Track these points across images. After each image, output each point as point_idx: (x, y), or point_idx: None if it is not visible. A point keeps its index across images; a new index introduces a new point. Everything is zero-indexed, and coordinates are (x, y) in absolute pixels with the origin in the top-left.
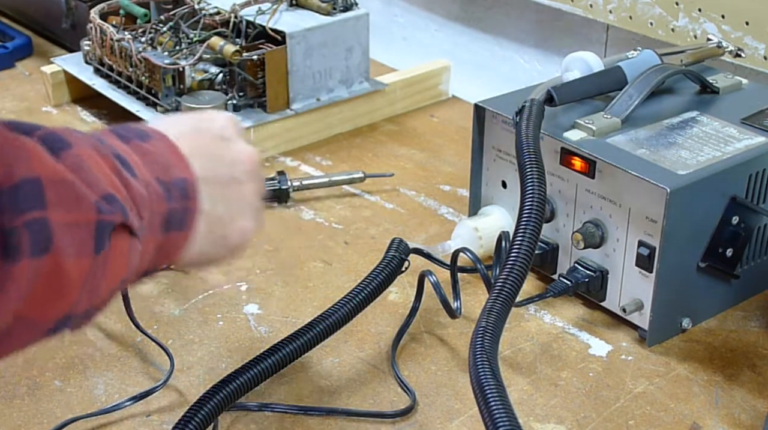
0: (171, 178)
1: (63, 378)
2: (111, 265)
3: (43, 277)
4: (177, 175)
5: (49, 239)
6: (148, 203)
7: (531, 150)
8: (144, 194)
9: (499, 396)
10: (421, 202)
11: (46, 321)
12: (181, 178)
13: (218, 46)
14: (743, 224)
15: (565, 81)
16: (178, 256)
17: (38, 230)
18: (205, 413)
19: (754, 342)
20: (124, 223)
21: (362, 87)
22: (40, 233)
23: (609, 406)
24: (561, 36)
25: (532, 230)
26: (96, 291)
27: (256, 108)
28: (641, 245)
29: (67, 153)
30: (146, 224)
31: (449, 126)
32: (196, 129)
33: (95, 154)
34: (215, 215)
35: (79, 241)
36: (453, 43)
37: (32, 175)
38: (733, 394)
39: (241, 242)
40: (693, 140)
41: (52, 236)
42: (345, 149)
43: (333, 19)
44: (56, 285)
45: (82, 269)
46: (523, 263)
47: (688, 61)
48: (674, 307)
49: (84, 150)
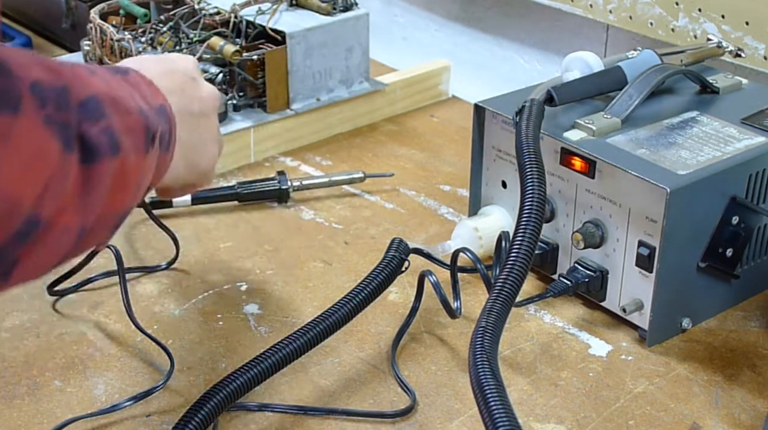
0: (153, 105)
1: (63, 378)
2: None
3: (116, 174)
4: (157, 102)
5: (118, 143)
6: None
7: (531, 150)
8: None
9: (499, 396)
10: (421, 202)
11: (115, 214)
12: (161, 104)
13: (218, 46)
14: (743, 224)
15: (565, 81)
16: (161, 178)
17: (111, 134)
18: (204, 414)
19: (754, 342)
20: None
21: (362, 87)
22: (112, 136)
23: (609, 406)
24: (561, 36)
25: (532, 230)
26: (141, 189)
27: (256, 108)
28: (641, 245)
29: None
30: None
31: (449, 126)
32: (168, 70)
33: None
34: (190, 143)
35: (135, 142)
36: (453, 43)
37: (96, 92)
38: (733, 394)
39: (209, 167)
40: (693, 140)
41: (120, 140)
42: (345, 149)
43: (333, 19)
44: (123, 181)
45: (138, 167)
46: (523, 263)
47: (688, 61)
48: (674, 307)
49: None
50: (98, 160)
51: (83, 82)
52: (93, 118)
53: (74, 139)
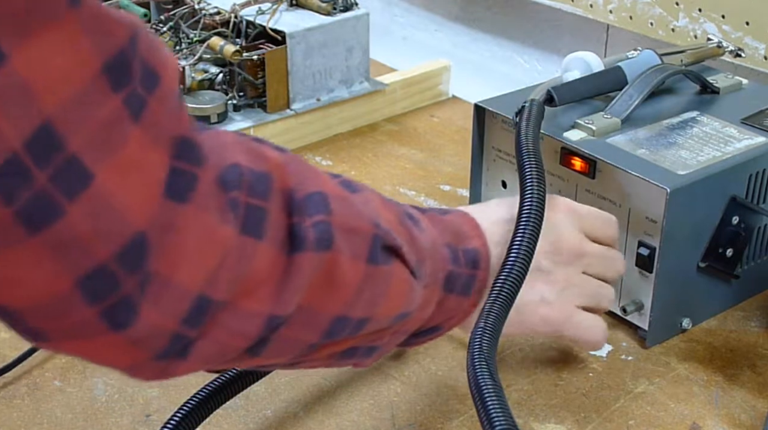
0: (462, 245)
1: (63, 378)
2: (389, 285)
3: (323, 270)
4: (469, 245)
5: (331, 239)
6: (431, 257)
7: (531, 150)
8: (427, 247)
9: (497, 398)
10: (421, 202)
11: (324, 314)
12: (474, 248)
13: (218, 46)
14: (743, 224)
15: (565, 81)
16: (459, 321)
17: (323, 229)
18: (193, 413)
19: (754, 342)
20: (398, 249)
21: (362, 87)
22: (324, 232)
23: (609, 406)
24: (561, 36)
25: (532, 231)
26: (373, 304)
27: (256, 108)
28: (641, 245)
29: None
30: (428, 274)
31: (449, 126)
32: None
33: (380, 202)
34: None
35: (355, 246)
36: (453, 43)
37: (318, 189)
38: (733, 394)
39: (542, 328)
40: (693, 140)
41: (333, 237)
42: (345, 149)
43: (333, 19)
44: (332, 279)
45: (357, 272)
46: (522, 264)
47: (688, 61)
48: (674, 307)
49: (371, 195)
50: (302, 250)
51: (316, 180)
52: (308, 213)
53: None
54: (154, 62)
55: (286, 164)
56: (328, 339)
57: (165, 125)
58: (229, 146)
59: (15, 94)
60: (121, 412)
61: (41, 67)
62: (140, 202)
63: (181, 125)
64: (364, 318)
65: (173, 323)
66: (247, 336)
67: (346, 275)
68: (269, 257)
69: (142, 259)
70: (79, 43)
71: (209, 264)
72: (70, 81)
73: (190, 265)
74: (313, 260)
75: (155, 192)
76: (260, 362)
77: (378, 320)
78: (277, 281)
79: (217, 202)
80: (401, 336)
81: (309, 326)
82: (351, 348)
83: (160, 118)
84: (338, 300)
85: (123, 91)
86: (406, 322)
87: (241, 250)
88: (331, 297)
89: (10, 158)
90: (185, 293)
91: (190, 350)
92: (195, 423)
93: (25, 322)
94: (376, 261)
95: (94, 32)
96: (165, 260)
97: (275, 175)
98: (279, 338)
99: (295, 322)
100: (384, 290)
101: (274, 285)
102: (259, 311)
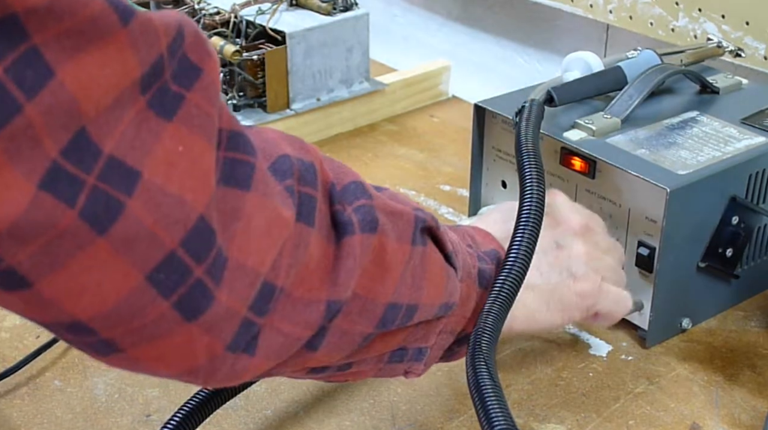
0: (481, 248)
1: (63, 378)
2: (429, 268)
3: (373, 253)
4: (487, 247)
5: (375, 221)
6: (461, 251)
7: (530, 150)
8: (456, 240)
9: (496, 397)
10: (421, 202)
11: (376, 300)
12: (492, 249)
13: (218, 46)
14: (743, 224)
15: (565, 81)
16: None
17: (366, 212)
18: (193, 413)
19: (754, 342)
20: (435, 230)
21: (362, 87)
22: (367, 214)
23: (609, 406)
24: (561, 36)
25: (531, 231)
26: (417, 288)
27: (256, 108)
28: (641, 245)
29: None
30: (461, 267)
31: (449, 126)
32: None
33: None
34: (548, 286)
35: (400, 227)
36: (453, 43)
37: (356, 179)
38: (733, 394)
39: (582, 304)
40: (693, 140)
41: (378, 219)
42: (345, 149)
43: (333, 19)
44: (382, 263)
45: (403, 254)
46: (521, 264)
47: (688, 61)
48: (674, 307)
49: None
50: (349, 234)
51: (351, 173)
52: (348, 200)
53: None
54: (196, 57)
55: (324, 159)
56: (382, 328)
57: (208, 117)
58: (274, 140)
59: (60, 111)
60: (121, 412)
61: (88, 82)
62: (193, 188)
63: (224, 118)
64: (411, 304)
65: (243, 306)
66: (308, 324)
67: (395, 257)
68: (321, 245)
69: (210, 243)
70: (125, 57)
71: (274, 249)
72: (110, 92)
73: (258, 249)
74: (363, 241)
75: (207, 179)
76: (318, 360)
77: (424, 307)
78: (330, 267)
79: (276, 189)
80: (447, 337)
81: (363, 313)
82: (401, 348)
83: (202, 111)
84: (388, 284)
85: (149, 91)
86: (450, 317)
87: (298, 236)
88: (382, 281)
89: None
90: (255, 277)
91: (257, 343)
92: (195, 423)
93: (97, 333)
94: (417, 242)
95: (140, 45)
96: (234, 244)
97: (318, 166)
98: (336, 328)
99: (351, 310)
100: (424, 273)
101: (328, 272)
102: (317, 297)
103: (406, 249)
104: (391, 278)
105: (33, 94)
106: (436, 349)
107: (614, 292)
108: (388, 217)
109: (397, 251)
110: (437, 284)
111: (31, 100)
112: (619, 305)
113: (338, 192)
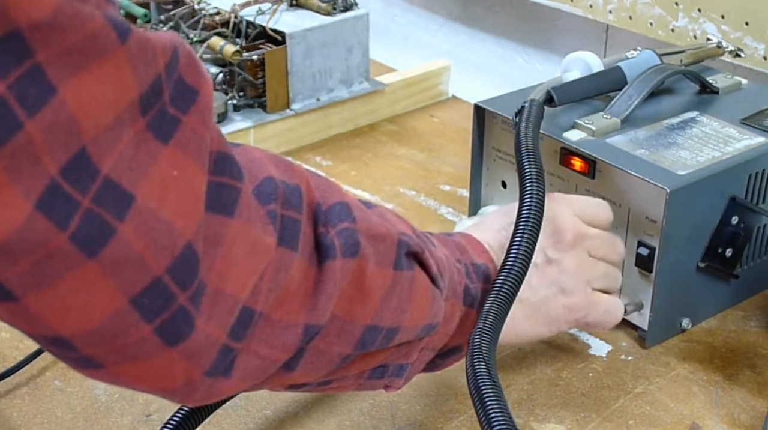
0: (470, 261)
1: (63, 378)
2: (413, 293)
3: (351, 276)
4: (477, 260)
5: (357, 245)
6: (447, 269)
7: (530, 150)
8: (443, 259)
9: (496, 398)
10: (421, 202)
11: (355, 323)
12: (482, 263)
13: (218, 46)
14: (743, 224)
15: (565, 81)
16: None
17: (348, 236)
18: (193, 413)
19: (754, 342)
20: (420, 254)
21: (362, 87)
22: (350, 238)
23: (609, 406)
24: (561, 36)
25: (531, 231)
26: (400, 312)
27: (256, 108)
28: (641, 245)
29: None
30: (447, 285)
31: (449, 126)
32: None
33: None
34: (537, 299)
35: (381, 251)
36: (453, 43)
37: (342, 200)
38: (732, 394)
39: (569, 317)
40: (693, 140)
41: (360, 243)
42: (345, 149)
43: (333, 19)
44: (361, 287)
45: (383, 278)
46: (521, 264)
47: (687, 62)
48: (674, 307)
49: (384, 210)
50: (331, 258)
51: (338, 192)
52: (332, 223)
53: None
54: (192, 80)
55: (310, 178)
56: (361, 350)
57: (202, 141)
58: (260, 160)
59: (61, 129)
60: (121, 412)
61: (88, 100)
62: (184, 214)
63: (215, 140)
64: (393, 327)
65: (222, 333)
66: (285, 347)
67: (375, 281)
68: (302, 268)
69: (194, 270)
70: (123, 75)
71: (254, 275)
72: (109, 110)
73: (238, 275)
74: (343, 266)
75: (197, 205)
76: (295, 379)
77: (406, 329)
78: (311, 291)
79: (259, 214)
80: (429, 353)
81: (342, 336)
82: (381, 365)
83: (197, 134)
84: (368, 307)
85: (149, 113)
86: (433, 336)
87: (280, 261)
88: (362, 304)
89: (49, 185)
90: (234, 303)
91: (234, 366)
92: (195, 423)
93: (77, 350)
94: (402, 267)
95: (138, 63)
96: (216, 272)
97: (303, 187)
98: (314, 350)
99: (329, 332)
100: (409, 297)
101: (308, 295)
102: (296, 321)
103: (387, 273)
104: (371, 301)
105: (34, 112)
106: (417, 364)
107: (605, 302)
108: (370, 241)
109: (376, 276)
110: (422, 306)
111: (32, 117)
112: (609, 315)
113: (323, 213)
